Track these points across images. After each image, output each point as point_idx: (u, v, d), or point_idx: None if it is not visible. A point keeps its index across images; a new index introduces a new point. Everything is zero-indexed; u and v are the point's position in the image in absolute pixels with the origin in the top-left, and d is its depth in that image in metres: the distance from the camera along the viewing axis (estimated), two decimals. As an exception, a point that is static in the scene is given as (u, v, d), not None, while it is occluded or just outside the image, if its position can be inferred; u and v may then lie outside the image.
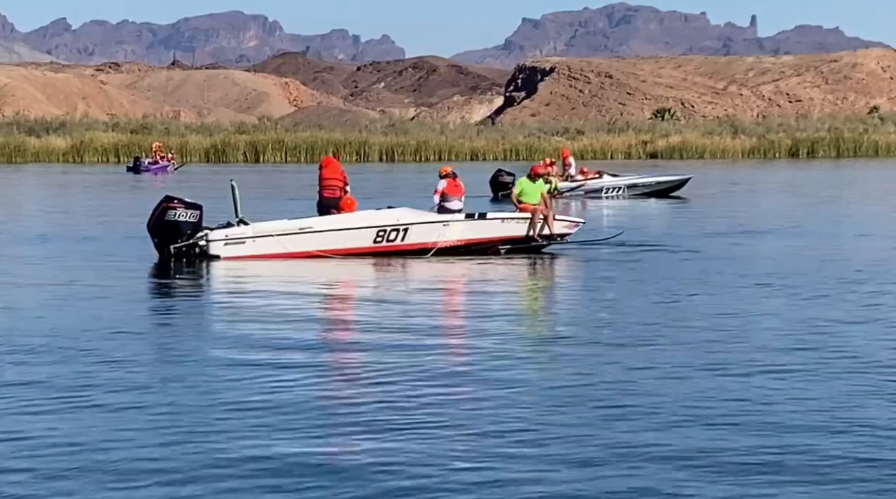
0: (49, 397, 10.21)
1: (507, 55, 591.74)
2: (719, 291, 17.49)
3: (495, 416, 9.65)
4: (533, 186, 23.65)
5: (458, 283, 19.64)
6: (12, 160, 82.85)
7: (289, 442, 8.81)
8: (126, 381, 10.93)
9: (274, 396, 10.29)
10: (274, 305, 16.06)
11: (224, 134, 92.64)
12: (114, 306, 15.88)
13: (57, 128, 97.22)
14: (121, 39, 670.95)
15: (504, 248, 22.79)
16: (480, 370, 11.49)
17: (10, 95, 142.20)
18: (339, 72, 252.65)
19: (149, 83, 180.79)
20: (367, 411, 9.71)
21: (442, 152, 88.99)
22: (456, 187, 23.02)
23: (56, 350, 12.52)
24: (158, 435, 8.92)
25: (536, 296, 18.60)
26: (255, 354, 12.27)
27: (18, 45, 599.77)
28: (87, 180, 53.71)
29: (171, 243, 20.67)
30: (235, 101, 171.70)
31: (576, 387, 10.76)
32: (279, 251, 21.11)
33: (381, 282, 19.59)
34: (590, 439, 8.90)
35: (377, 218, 22.08)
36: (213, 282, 19.21)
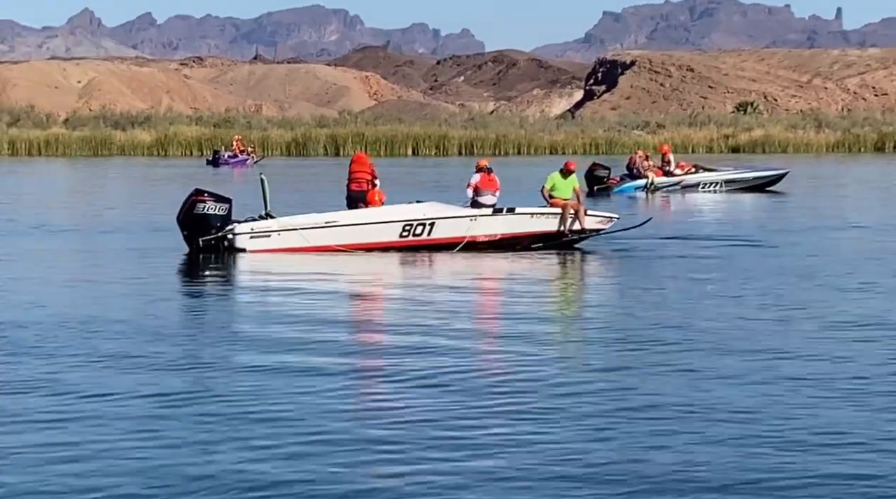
0: (70, 398, 9.97)
1: (587, 49, 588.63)
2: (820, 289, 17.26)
3: (538, 423, 9.33)
4: (564, 182, 23.18)
5: (496, 279, 19.39)
6: (98, 153, 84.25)
7: (310, 447, 8.60)
8: (148, 382, 10.73)
9: (298, 400, 9.96)
10: (294, 304, 15.71)
11: (305, 127, 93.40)
12: (137, 300, 15.97)
13: (142, 121, 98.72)
14: (204, 34, 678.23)
15: (536, 245, 22.45)
16: (519, 377, 10.92)
17: (97, 90, 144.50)
18: (419, 66, 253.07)
19: (231, 77, 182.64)
20: (396, 420, 9.32)
21: (521, 146, 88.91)
22: (490, 182, 22.70)
23: (74, 344, 12.55)
24: (182, 441, 8.68)
25: (568, 295, 18.24)
26: (274, 356, 11.85)
27: (105, 40, 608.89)
28: (167, 174, 54.45)
29: (201, 236, 20.74)
30: (316, 94, 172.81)
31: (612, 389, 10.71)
32: (304, 245, 21.05)
33: (407, 278, 19.34)
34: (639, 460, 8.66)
35: (404, 212, 21.96)
36: (236, 276, 19.09)
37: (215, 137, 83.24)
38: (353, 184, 23.41)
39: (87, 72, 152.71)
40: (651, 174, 41.58)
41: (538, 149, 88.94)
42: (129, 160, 76.04)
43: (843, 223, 28.61)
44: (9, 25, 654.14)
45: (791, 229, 27.00)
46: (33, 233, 25.87)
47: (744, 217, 32.26)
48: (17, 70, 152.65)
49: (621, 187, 41.59)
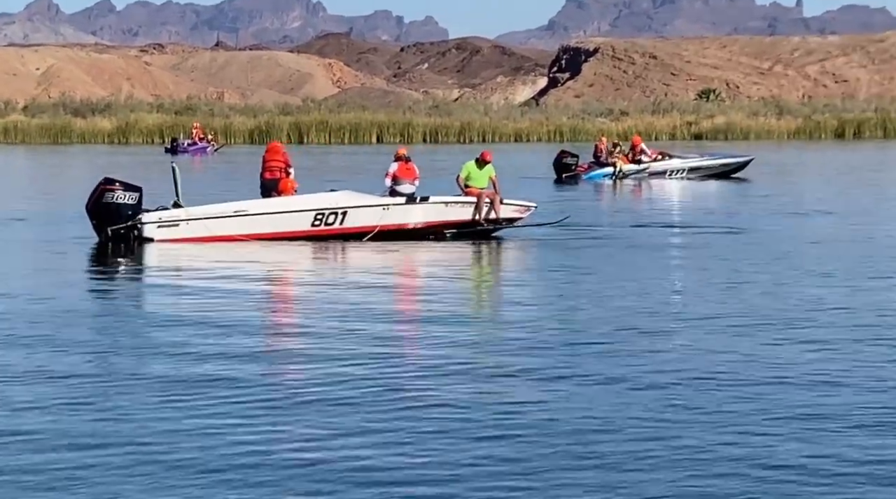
0: None
1: (550, 36, 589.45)
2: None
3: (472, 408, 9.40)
4: (480, 172, 22.96)
5: (404, 270, 19.23)
6: (58, 141, 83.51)
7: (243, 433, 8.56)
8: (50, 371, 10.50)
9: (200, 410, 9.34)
10: (196, 301, 15.05)
11: (268, 115, 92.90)
12: (43, 289, 15.65)
13: (102, 109, 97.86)
14: (165, 20, 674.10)
15: (450, 232, 22.28)
16: (436, 384, 10.27)
17: (56, 77, 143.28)
18: (383, 53, 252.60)
19: (193, 64, 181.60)
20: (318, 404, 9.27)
21: (486, 133, 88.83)
22: (408, 171, 22.53)
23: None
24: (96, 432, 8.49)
25: (483, 283, 18.06)
26: (175, 363, 11.11)
27: (64, 26, 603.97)
28: (124, 162, 53.84)
29: (110, 226, 20.38)
30: (279, 82, 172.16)
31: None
32: (210, 235, 20.71)
33: (317, 270, 19.01)
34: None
35: (315, 201, 21.71)
36: (138, 268, 18.69)
37: (177, 125, 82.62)
38: (267, 172, 23.20)
39: (45, 59, 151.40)
40: (618, 162, 41.64)
41: (503, 136, 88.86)
42: (89, 148, 75.37)
43: (809, 209, 28.82)
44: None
45: (758, 215, 27.16)
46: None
47: (711, 204, 32.35)
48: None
49: (590, 174, 41.61)
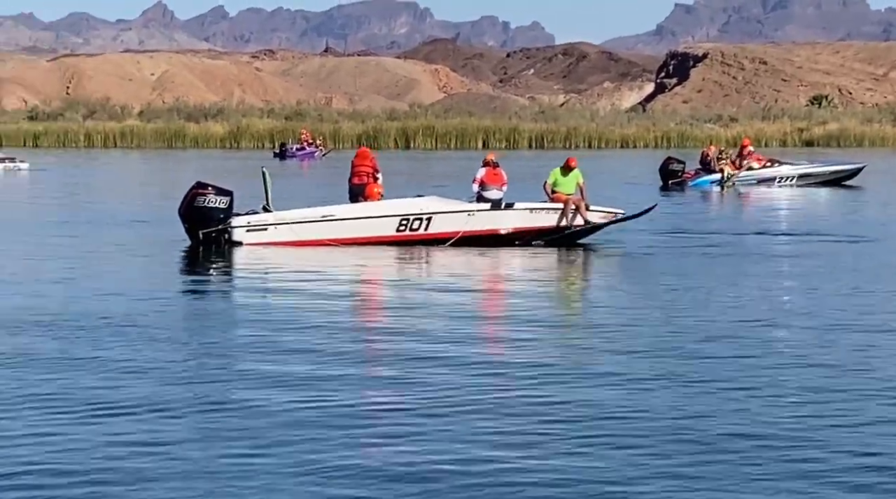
0: (57, 404, 9.43)
1: (658, 41, 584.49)
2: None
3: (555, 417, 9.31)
4: (566, 178, 22.70)
5: (489, 276, 19.00)
6: (172, 145, 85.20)
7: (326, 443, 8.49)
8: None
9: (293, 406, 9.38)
10: (284, 304, 15.11)
11: (375, 120, 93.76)
12: (127, 295, 15.60)
13: (215, 114, 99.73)
14: (275, 27, 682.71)
15: (537, 238, 22.00)
16: (524, 389, 10.11)
17: (171, 82, 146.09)
18: (489, 58, 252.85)
19: (302, 70, 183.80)
20: (400, 415, 9.16)
21: (592, 139, 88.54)
22: (496, 176, 22.34)
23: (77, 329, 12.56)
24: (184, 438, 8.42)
25: (568, 290, 17.79)
26: (267, 363, 11.09)
27: (177, 32, 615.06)
28: (234, 166, 54.66)
29: (201, 229, 20.59)
30: (386, 87, 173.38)
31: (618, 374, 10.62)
32: (297, 239, 20.83)
33: (403, 275, 18.90)
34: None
35: (401, 207, 21.71)
36: (226, 272, 18.68)
37: (286, 130, 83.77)
38: (355, 178, 23.46)
39: (160, 64, 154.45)
40: (726, 168, 41.20)
41: (609, 142, 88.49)
42: (202, 152, 76.74)
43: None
44: (84, 18, 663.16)
45: (869, 224, 26.59)
46: (64, 225, 26.02)
47: (821, 211, 31.89)
48: (93, 63, 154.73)
49: (696, 181, 41.22)
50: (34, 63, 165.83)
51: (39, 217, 28.20)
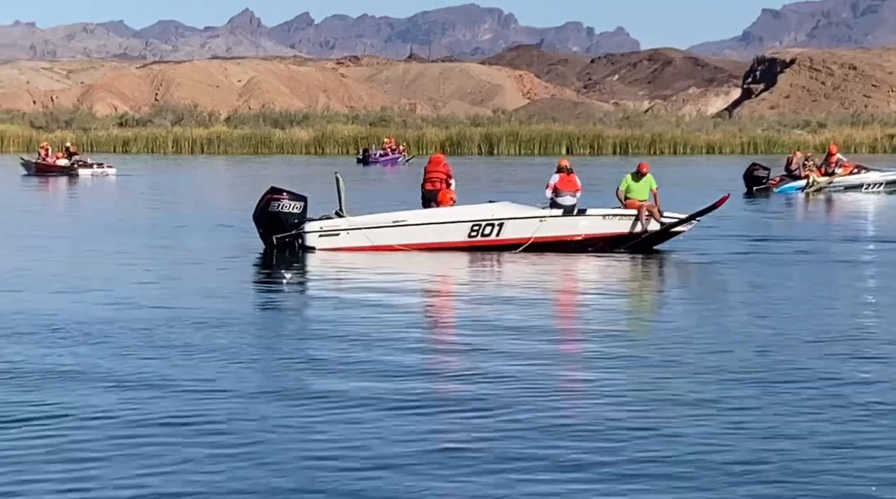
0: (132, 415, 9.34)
1: (745, 46, 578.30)
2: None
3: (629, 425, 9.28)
4: (638, 184, 22.51)
5: (563, 284, 18.78)
6: (258, 151, 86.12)
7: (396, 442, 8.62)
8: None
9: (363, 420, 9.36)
10: (356, 312, 14.70)
11: (459, 126, 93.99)
12: (204, 296, 15.81)
13: (300, 120, 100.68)
14: (360, 33, 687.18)
15: (612, 245, 21.80)
16: (601, 402, 9.87)
17: (257, 88, 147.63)
18: (573, 64, 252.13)
19: (386, 76, 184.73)
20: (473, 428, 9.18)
21: (677, 146, 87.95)
22: (569, 182, 22.21)
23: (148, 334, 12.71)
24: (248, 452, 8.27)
25: (643, 298, 17.50)
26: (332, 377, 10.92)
27: (264, 39, 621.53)
28: (315, 172, 55.09)
29: (275, 234, 20.75)
30: (470, 93, 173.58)
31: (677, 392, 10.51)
32: (369, 244, 20.88)
33: (475, 283, 18.73)
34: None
35: (472, 212, 21.63)
36: (299, 277, 18.55)
37: (371, 136, 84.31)
38: (428, 183, 23.53)
39: (247, 71, 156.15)
40: (811, 174, 40.70)
41: (694, 148, 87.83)
42: (287, 158, 77.50)
43: None
44: (173, 26, 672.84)
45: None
46: (141, 229, 26.39)
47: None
48: (181, 70, 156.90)
49: (781, 188, 40.78)
50: (124, 70, 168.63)
51: (123, 222, 28.61)
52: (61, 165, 53.40)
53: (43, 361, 11.30)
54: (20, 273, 18.19)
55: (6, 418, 9.10)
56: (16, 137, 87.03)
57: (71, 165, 53.24)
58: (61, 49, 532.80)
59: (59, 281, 17.30)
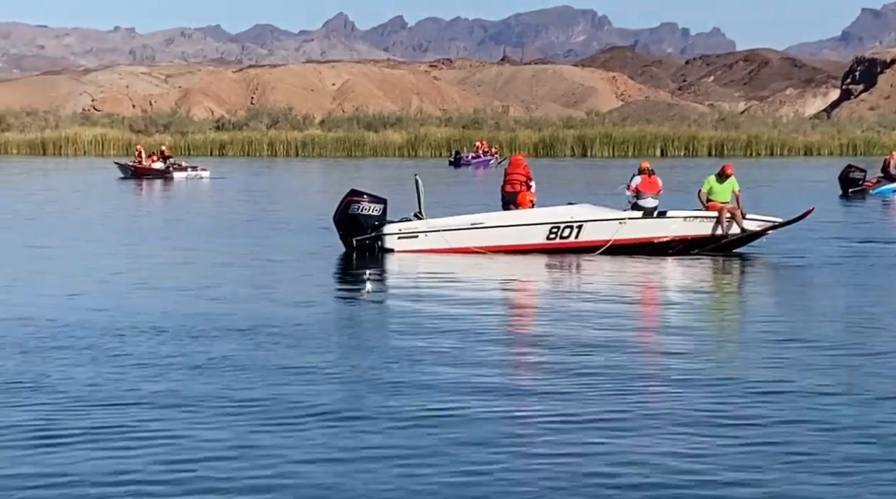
0: (210, 402, 9.68)
1: (844, 47, 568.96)
2: None
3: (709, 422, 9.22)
4: (721, 185, 22.21)
5: (643, 286, 18.40)
6: (352, 154, 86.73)
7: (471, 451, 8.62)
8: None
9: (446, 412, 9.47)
10: (433, 311, 14.87)
11: (552, 128, 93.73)
12: (285, 299, 15.80)
13: (393, 123, 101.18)
14: (453, 36, 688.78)
15: (692, 247, 21.58)
16: (682, 401, 9.88)
17: (351, 92, 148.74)
18: (668, 65, 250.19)
19: (479, 79, 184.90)
20: (554, 424, 9.09)
21: (774, 147, 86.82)
22: (651, 184, 22.01)
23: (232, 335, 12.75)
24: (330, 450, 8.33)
25: (725, 302, 17.20)
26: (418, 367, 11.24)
27: (358, 42, 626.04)
28: (405, 175, 55.21)
29: (355, 236, 20.86)
30: (563, 95, 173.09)
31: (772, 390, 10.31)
32: (447, 246, 20.86)
33: (554, 284, 18.62)
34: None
35: (551, 214, 21.52)
36: (375, 279, 18.63)
37: (464, 138, 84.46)
38: (507, 185, 23.51)
39: (341, 74, 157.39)
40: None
41: (792, 150, 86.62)
42: (380, 161, 77.95)
43: None
44: (268, 30, 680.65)
45: None
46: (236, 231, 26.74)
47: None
48: (276, 73, 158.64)
49: (879, 190, 40.03)
50: (221, 74, 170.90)
51: (212, 224, 28.99)
52: (157, 168, 54.35)
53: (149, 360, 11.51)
54: (117, 274, 18.57)
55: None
56: (116, 141, 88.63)
57: (166, 168, 54.15)
58: (160, 54, 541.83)
59: (136, 282, 17.54)
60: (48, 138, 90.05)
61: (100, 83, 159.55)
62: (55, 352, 11.81)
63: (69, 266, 19.75)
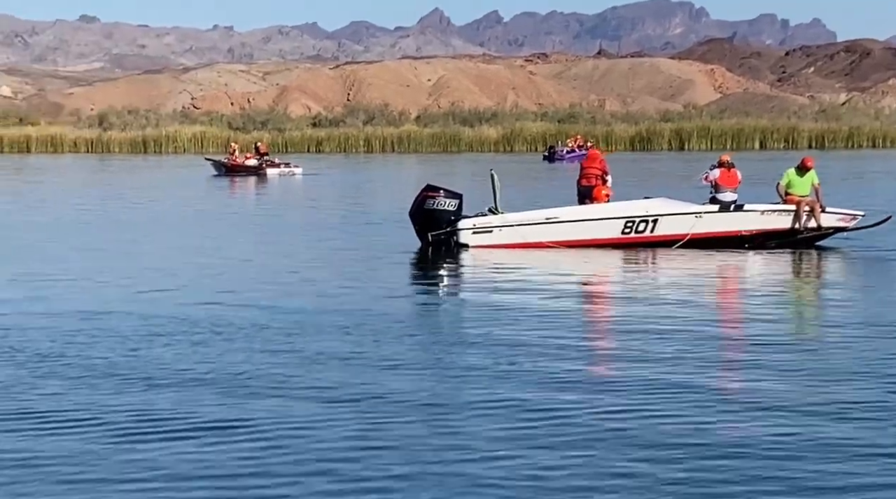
0: (291, 398, 9.72)
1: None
2: None
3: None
4: (801, 179, 21.82)
5: (721, 282, 18.12)
6: (447, 149, 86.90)
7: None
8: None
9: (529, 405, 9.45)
10: (511, 306, 14.71)
11: (649, 122, 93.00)
12: (352, 296, 15.68)
13: (489, 118, 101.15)
14: (549, 30, 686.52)
15: (770, 241, 21.24)
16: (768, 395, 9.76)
17: (446, 87, 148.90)
18: (767, 57, 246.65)
19: (575, 73, 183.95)
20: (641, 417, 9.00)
21: (876, 139, 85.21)
22: (730, 178, 21.77)
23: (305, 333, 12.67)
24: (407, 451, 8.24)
25: (806, 297, 16.80)
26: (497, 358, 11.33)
27: (453, 38, 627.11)
28: (502, 169, 55.02)
29: (430, 231, 20.90)
30: (660, 88, 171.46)
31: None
32: (521, 241, 20.76)
33: (630, 278, 18.36)
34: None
35: (627, 209, 21.34)
36: (448, 274, 18.56)
37: (559, 133, 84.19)
38: (583, 179, 23.39)
39: (436, 70, 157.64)
40: None
41: (895, 142, 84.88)
42: (475, 156, 77.99)
43: None
44: (364, 27, 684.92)
45: None
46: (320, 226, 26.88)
47: None
48: (372, 70, 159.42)
49: None
50: (318, 71, 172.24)
51: (304, 219, 29.26)
52: (250, 165, 54.99)
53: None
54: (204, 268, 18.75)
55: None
56: (215, 139, 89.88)
57: (259, 164, 54.77)
58: (257, 52, 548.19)
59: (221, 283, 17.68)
60: (149, 136, 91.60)
61: (199, 82, 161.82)
62: (156, 339, 11.94)
63: (157, 263, 19.87)
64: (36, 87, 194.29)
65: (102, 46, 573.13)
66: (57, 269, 18.81)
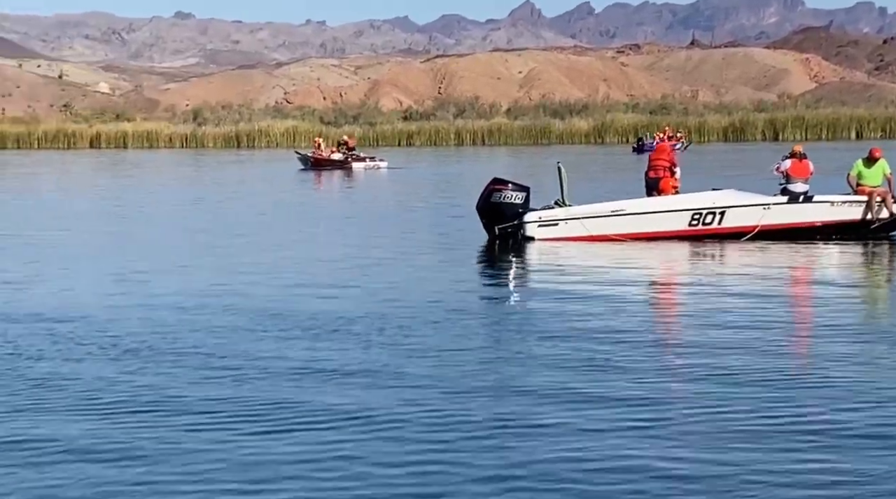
0: (360, 388, 9.68)
1: None
2: None
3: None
4: (870, 169, 21.30)
5: (791, 274, 17.61)
6: (538, 142, 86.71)
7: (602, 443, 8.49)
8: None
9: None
10: (573, 300, 14.50)
11: (742, 112, 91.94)
12: (424, 287, 15.61)
13: (580, 110, 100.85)
14: (641, 21, 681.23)
15: (839, 233, 20.72)
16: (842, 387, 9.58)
17: (537, 79, 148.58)
18: (864, 45, 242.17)
19: (668, 64, 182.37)
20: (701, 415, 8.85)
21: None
22: (802, 168, 21.38)
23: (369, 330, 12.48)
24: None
25: (875, 285, 16.42)
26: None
27: (544, 30, 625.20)
28: (588, 162, 54.78)
29: (497, 224, 20.77)
30: (754, 78, 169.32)
31: None
32: (586, 234, 20.54)
33: (696, 270, 17.93)
34: None
35: (693, 201, 21.00)
36: (514, 267, 18.29)
37: (651, 124, 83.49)
38: (651, 171, 23.14)
39: (527, 62, 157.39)
40: None
41: None
42: (566, 148, 77.69)
43: None
44: (455, 20, 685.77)
45: None
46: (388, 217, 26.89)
47: None
48: (463, 63, 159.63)
49: None
50: (409, 65, 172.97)
51: (385, 212, 29.25)
52: (335, 159, 55.41)
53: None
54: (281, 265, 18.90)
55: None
56: (307, 133, 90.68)
57: (345, 159, 55.14)
58: (349, 46, 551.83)
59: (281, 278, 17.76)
60: (242, 131, 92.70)
61: (292, 76, 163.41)
62: (249, 333, 12.07)
63: (234, 259, 19.85)
64: (132, 84, 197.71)
65: (197, 42, 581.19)
66: (175, 263, 19.03)
